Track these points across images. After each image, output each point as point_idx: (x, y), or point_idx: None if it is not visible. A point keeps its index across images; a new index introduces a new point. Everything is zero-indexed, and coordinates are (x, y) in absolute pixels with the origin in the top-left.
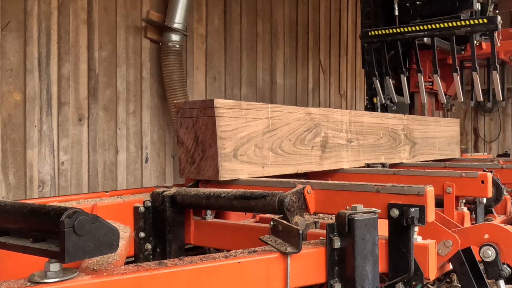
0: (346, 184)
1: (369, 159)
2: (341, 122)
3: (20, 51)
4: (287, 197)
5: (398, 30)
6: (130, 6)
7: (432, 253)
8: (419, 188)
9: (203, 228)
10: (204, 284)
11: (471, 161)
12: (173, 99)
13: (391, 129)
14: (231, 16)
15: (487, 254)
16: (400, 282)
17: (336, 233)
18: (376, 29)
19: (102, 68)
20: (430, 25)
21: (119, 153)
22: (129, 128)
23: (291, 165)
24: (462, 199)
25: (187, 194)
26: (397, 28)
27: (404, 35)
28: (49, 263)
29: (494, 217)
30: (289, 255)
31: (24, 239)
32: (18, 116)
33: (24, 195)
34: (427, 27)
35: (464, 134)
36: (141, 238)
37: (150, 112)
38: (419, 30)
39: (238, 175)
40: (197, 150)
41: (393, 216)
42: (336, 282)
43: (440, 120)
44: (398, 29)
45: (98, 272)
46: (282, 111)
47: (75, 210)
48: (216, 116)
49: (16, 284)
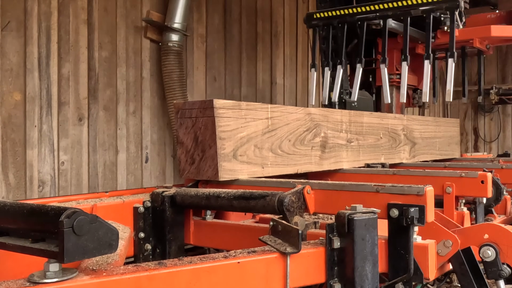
0: (345, 184)
1: (369, 159)
2: (341, 122)
3: (20, 51)
4: (286, 197)
5: (346, 12)
6: (130, 6)
7: (431, 253)
8: (419, 188)
9: (203, 229)
10: (204, 284)
11: (471, 161)
12: (171, 99)
13: (391, 129)
14: (231, 16)
15: (487, 254)
16: (400, 282)
17: (336, 233)
18: (321, 11)
19: (102, 68)
20: (382, 4)
21: (119, 153)
22: (129, 128)
23: (291, 165)
24: (462, 199)
25: (187, 195)
26: (344, 10)
27: (353, 17)
28: (49, 263)
29: (494, 217)
30: (289, 255)
31: (24, 239)
32: (18, 116)
33: (24, 195)
34: (378, 7)
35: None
36: (140, 238)
37: (150, 112)
38: (370, 11)
39: (237, 175)
40: (197, 151)
41: (392, 216)
42: (335, 282)
43: (440, 120)
44: (345, 10)
45: (98, 272)
46: (282, 111)
47: (74, 210)
48: (215, 116)
49: (15, 284)
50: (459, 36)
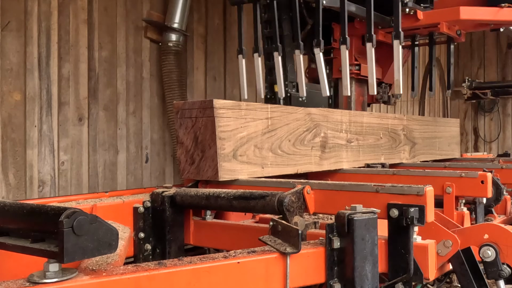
0: (345, 184)
1: (369, 159)
2: (340, 122)
3: (20, 51)
4: (286, 197)
5: None
6: (130, 6)
7: (431, 253)
8: (419, 188)
9: (203, 229)
10: (204, 284)
11: (471, 161)
12: (170, 98)
13: (391, 129)
14: (231, 16)
15: (487, 254)
16: (400, 282)
17: (336, 233)
18: None
19: (102, 68)
20: None
21: (119, 153)
22: (129, 128)
23: (291, 165)
24: (462, 199)
25: (187, 195)
26: None
27: None
28: (48, 263)
29: (494, 217)
30: (289, 255)
31: (23, 239)
32: (18, 116)
33: (24, 195)
34: None
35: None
36: (140, 238)
37: (150, 112)
38: None
39: (237, 175)
40: (197, 151)
41: (392, 216)
42: (335, 282)
43: (440, 120)
44: None
45: (97, 272)
46: (282, 111)
47: (74, 210)
48: (215, 116)
49: (15, 284)
50: (424, 19)
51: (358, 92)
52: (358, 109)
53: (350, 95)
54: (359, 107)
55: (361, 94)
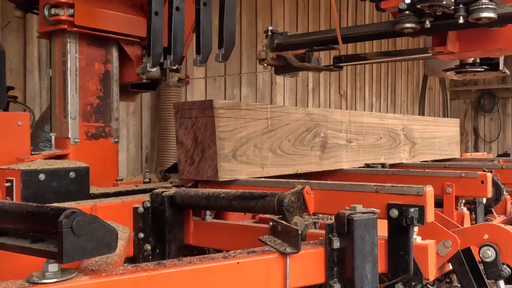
0: (345, 185)
1: (368, 159)
2: (340, 122)
3: (20, 51)
4: (286, 198)
5: None
6: None
7: (431, 253)
8: (419, 188)
9: (203, 229)
10: (203, 284)
11: (471, 161)
12: (165, 97)
13: (390, 129)
14: None
15: (487, 254)
16: (400, 283)
17: (335, 234)
18: None
19: None
20: None
21: (119, 153)
22: (129, 128)
23: (291, 165)
24: (462, 199)
25: (187, 195)
26: None
27: None
28: (48, 264)
29: (494, 217)
30: (288, 256)
31: (23, 239)
32: None
33: None
34: None
35: (464, 134)
36: (140, 238)
37: (150, 112)
38: None
39: (237, 175)
40: (196, 151)
41: (392, 216)
42: (335, 282)
43: (440, 120)
44: None
45: (97, 272)
46: (282, 111)
47: (73, 210)
48: (215, 116)
49: (14, 285)
50: None
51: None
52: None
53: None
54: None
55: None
